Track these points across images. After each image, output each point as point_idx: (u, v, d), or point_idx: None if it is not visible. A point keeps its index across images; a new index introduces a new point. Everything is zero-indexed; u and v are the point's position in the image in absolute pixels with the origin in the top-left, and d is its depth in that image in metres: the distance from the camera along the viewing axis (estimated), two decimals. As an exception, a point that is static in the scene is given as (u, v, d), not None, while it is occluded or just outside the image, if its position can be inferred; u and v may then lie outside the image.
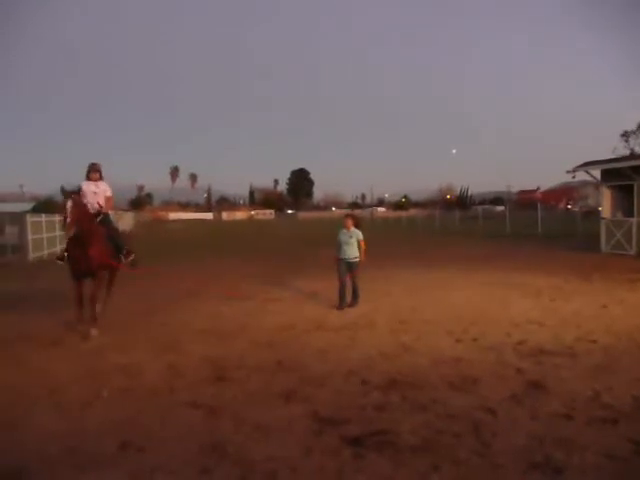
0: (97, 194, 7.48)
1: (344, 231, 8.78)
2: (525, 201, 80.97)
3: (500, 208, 79.36)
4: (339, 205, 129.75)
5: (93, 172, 7.55)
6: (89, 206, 7.17)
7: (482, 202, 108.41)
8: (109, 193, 7.62)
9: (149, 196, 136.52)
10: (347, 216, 9.12)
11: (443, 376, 5.01)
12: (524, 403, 4.27)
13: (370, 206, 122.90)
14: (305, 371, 5.26)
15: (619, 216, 17.27)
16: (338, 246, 8.76)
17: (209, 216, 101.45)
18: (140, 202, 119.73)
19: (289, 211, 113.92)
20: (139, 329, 7.19)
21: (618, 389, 4.51)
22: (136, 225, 52.46)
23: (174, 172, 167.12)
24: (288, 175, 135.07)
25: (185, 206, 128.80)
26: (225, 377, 5.08)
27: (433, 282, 11.17)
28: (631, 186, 16.51)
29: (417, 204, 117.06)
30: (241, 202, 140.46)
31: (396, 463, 3.33)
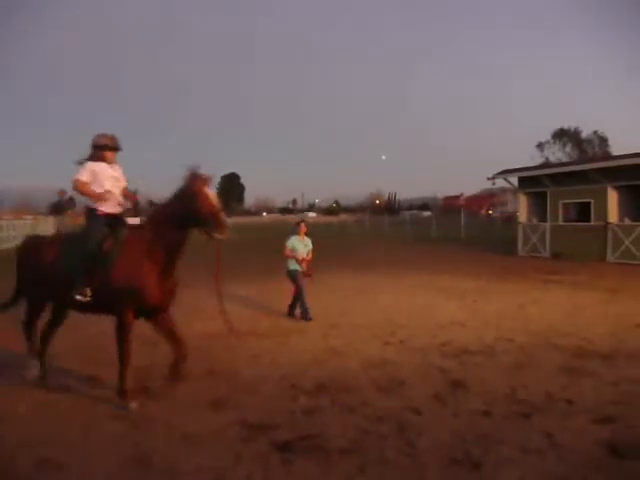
0: (119, 182, 5.05)
1: (298, 238, 8.30)
2: (450, 207, 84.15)
3: (427, 213, 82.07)
4: (270, 210, 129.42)
5: (110, 150, 4.95)
6: (113, 199, 4.90)
7: (410, 207, 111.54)
8: (125, 183, 5.16)
9: (71, 200, 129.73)
10: (301, 222, 8.52)
11: (372, 379, 5.12)
12: (447, 402, 4.44)
13: (301, 211, 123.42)
14: (235, 378, 5.21)
15: (534, 221, 18.34)
16: (289, 255, 8.15)
17: (138, 221, 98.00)
18: (61, 207, 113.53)
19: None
20: (60, 340, 6.83)
21: (533, 385, 4.79)
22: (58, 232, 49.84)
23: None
24: (218, 180, 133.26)
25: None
26: (151, 387, 4.94)
27: (363, 286, 11.38)
28: (545, 193, 17.60)
29: (347, 209, 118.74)
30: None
31: (324, 466, 3.37)
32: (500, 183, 20.96)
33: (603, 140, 50.14)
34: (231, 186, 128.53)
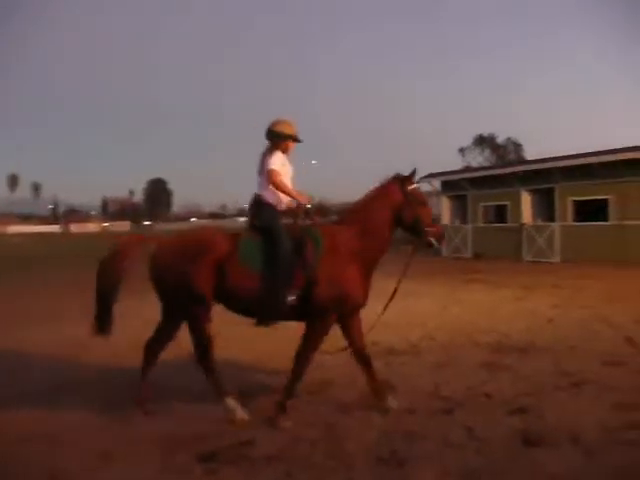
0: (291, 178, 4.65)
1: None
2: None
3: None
4: (200, 216, 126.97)
5: (294, 141, 4.60)
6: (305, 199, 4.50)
7: (339, 210, 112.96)
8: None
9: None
10: None
11: (302, 382, 5.13)
12: (374, 402, 4.53)
13: (232, 216, 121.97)
14: (157, 388, 5.06)
15: (457, 223, 19.13)
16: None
17: (55, 229, 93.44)
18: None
19: (146, 222, 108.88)
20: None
21: (455, 381, 4.98)
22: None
23: (12, 181, 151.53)
24: (144, 185, 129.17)
25: (27, 218, 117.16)
26: (62, 401, 4.69)
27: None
28: (466, 196, 18.40)
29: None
30: (93, 213, 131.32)
31: (249, 475, 3.34)
32: (425, 187, 21.62)
33: (517, 145, 53.09)
34: (158, 192, 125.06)
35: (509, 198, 16.78)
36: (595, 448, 3.53)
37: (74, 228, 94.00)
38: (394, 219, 4.47)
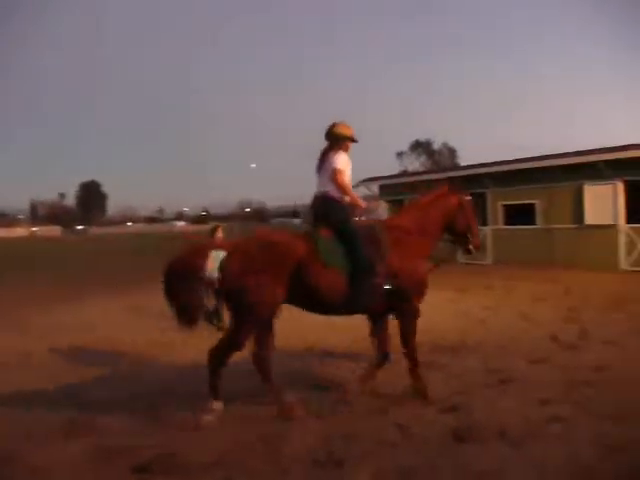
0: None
1: None
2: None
3: (297, 220, 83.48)
4: (136, 220, 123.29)
5: (352, 141, 4.84)
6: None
7: (280, 215, 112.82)
8: None
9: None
10: (218, 227, 8.05)
11: (244, 387, 5.08)
12: (312, 405, 4.55)
13: (169, 220, 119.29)
14: (87, 399, 4.88)
15: (395, 227, 19.54)
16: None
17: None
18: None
19: (79, 227, 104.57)
20: None
21: (392, 381, 5.05)
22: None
23: None
24: (77, 188, 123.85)
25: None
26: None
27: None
28: (403, 200, 18.83)
29: (217, 217, 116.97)
30: (21, 217, 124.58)
31: (186, 483, 3.29)
32: (364, 191, 21.94)
33: (452, 151, 55.02)
34: (91, 195, 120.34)
35: (444, 202, 17.33)
36: (520, 442, 3.69)
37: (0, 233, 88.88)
38: (447, 223, 4.98)
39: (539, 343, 6.39)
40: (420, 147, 54.97)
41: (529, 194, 15.39)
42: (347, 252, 4.33)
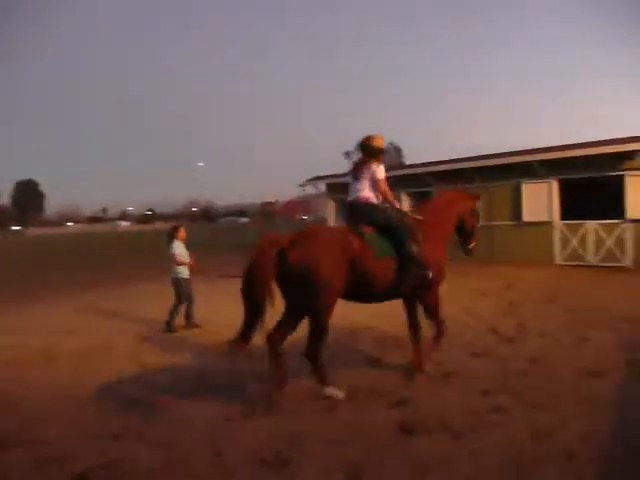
0: None
1: (181, 243, 8.08)
2: (267, 212, 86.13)
3: (245, 220, 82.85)
4: (77, 220, 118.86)
5: (382, 152, 5.53)
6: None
7: (228, 214, 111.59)
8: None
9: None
10: (180, 227, 8.30)
11: (184, 390, 5.02)
12: (259, 405, 4.53)
13: (113, 220, 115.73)
14: (22, 408, 4.69)
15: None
16: (178, 261, 7.92)
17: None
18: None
19: (14, 227, 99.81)
20: None
21: (339, 379, 5.09)
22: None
23: None
24: (12, 187, 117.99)
25: None
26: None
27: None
28: (350, 199, 19.03)
29: (164, 217, 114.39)
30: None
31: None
32: (313, 189, 22.02)
33: (398, 150, 55.98)
34: (27, 194, 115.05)
35: (390, 201, 17.62)
36: (462, 432, 3.83)
37: None
38: (460, 222, 5.77)
39: (481, 337, 6.61)
40: (367, 146, 55.65)
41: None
42: (394, 245, 4.91)
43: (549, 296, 9.31)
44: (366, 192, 5.17)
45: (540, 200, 14.04)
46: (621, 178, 12.76)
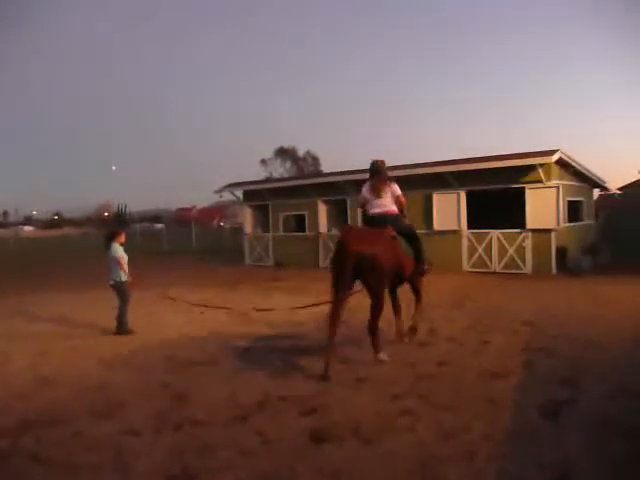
0: None
1: (120, 247, 7.95)
2: (183, 219, 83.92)
3: (160, 225, 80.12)
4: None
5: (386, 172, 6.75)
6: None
7: (142, 219, 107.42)
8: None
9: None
10: (121, 230, 8.43)
11: (87, 405, 4.74)
12: (167, 418, 4.36)
13: (15, 225, 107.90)
14: None
15: (259, 232, 19.58)
16: (123, 264, 7.84)
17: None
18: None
19: None
20: None
21: (251, 388, 5.04)
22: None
23: None
24: None
25: None
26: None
27: (85, 304, 10.52)
28: (267, 205, 18.95)
29: (73, 222, 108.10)
30: None
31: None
32: (230, 196, 21.72)
33: (315, 159, 56.53)
34: None
35: (307, 208, 17.74)
36: (373, 437, 3.88)
37: None
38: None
39: (392, 342, 6.73)
40: (285, 154, 55.74)
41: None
42: (411, 246, 6.51)
43: (457, 301, 9.73)
44: (392, 206, 6.37)
45: (450, 210, 14.69)
46: (522, 190, 13.63)
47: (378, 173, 6.47)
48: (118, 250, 7.88)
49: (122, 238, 8.08)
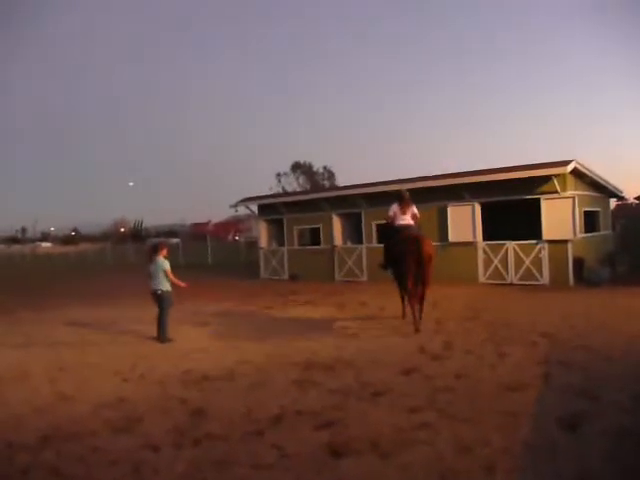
0: None
1: (165, 259, 8.52)
2: (198, 233, 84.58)
3: (175, 240, 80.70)
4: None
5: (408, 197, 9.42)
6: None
7: (158, 234, 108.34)
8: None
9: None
10: (163, 244, 9.01)
11: (105, 420, 4.78)
12: (186, 433, 4.39)
13: (33, 241, 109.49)
14: None
15: (274, 246, 19.66)
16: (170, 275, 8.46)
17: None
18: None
19: None
20: None
21: (268, 402, 5.06)
22: None
23: None
24: None
25: None
26: None
27: (100, 320, 10.63)
28: (282, 219, 19.05)
29: (89, 238, 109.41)
30: None
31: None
32: (245, 210, 21.87)
33: (331, 174, 56.73)
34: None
35: (321, 221, 17.79)
36: (390, 451, 3.86)
37: None
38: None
39: (409, 355, 6.74)
40: (299, 168, 56.06)
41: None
42: None
43: (473, 313, 9.66)
44: (411, 220, 9.09)
45: (465, 221, 14.64)
46: (538, 201, 13.54)
47: (403, 199, 9.21)
48: (165, 263, 8.44)
49: (165, 251, 8.61)
